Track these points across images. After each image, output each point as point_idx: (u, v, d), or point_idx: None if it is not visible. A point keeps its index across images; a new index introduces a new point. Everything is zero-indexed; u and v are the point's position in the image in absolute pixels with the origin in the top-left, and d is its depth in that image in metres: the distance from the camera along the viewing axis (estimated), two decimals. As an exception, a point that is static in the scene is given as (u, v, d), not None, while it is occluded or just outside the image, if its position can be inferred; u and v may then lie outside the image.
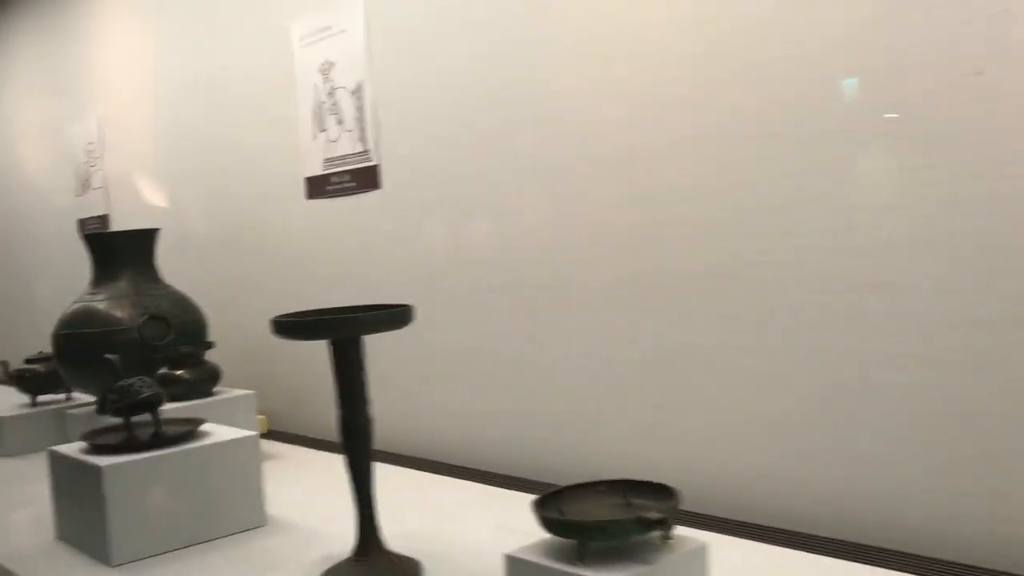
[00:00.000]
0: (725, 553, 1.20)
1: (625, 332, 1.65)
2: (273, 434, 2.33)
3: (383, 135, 2.09)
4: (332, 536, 1.46)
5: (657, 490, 1.11)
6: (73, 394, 2.48)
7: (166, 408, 1.59)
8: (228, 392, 2.10)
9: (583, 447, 1.74)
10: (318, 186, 2.29)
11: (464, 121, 1.91)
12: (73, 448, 1.59)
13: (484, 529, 1.48)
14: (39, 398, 2.47)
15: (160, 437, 1.54)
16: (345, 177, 2.20)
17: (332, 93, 2.20)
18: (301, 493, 1.80)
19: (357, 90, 2.13)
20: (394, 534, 1.35)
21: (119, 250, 2.13)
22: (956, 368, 1.25)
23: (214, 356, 2.12)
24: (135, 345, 1.95)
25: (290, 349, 2.24)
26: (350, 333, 1.24)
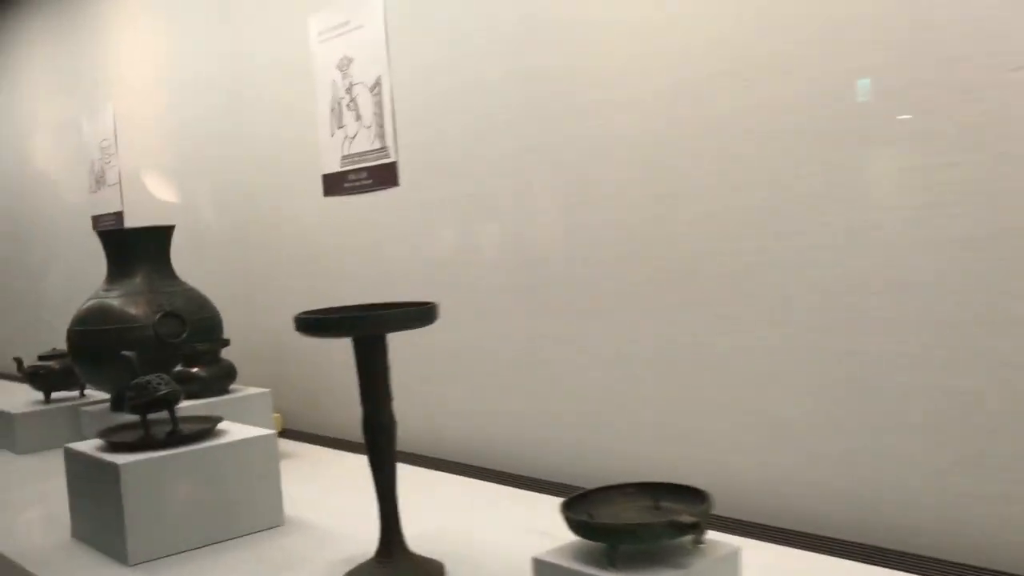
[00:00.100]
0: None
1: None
2: (288, 433, 2.31)
3: (400, 132, 2.07)
4: (350, 536, 1.44)
5: (686, 493, 1.09)
6: (87, 391, 2.47)
7: (182, 406, 1.58)
8: (243, 390, 2.08)
9: (595, 448, 1.71)
10: (335, 183, 2.27)
11: (482, 119, 1.88)
12: (89, 445, 1.58)
13: (504, 530, 1.46)
14: (53, 395, 2.47)
15: (177, 435, 1.53)
16: (362, 174, 2.18)
17: (350, 89, 2.18)
18: (317, 492, 1.78)
19: (375, 86, 2.11)
20: (414, 535, 1.33)
21: (134, 247, 2.12)
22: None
23: (229, 354, 2.10)
24: (150, 342, 1.94)
25: (304, 347, 2.23)
26: (375, 330, 1.22)
